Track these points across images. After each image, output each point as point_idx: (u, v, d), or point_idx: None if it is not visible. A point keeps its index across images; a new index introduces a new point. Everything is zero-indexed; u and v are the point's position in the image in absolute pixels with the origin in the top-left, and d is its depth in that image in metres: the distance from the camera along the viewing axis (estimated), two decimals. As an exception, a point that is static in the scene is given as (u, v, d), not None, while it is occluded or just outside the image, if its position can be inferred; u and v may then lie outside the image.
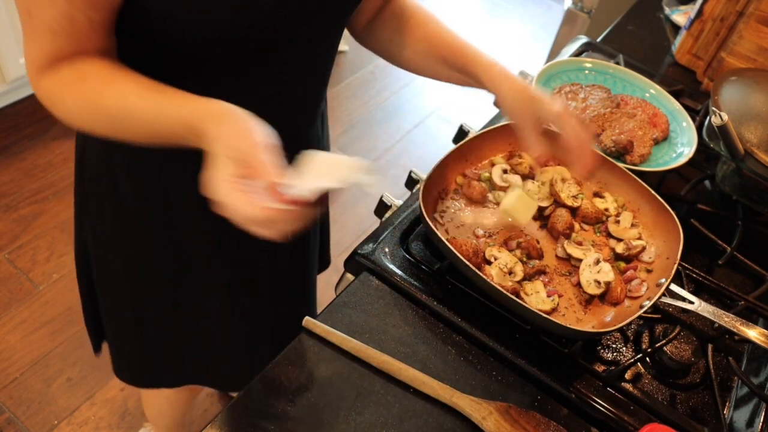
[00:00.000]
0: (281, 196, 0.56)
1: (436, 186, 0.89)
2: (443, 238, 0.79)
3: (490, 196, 0.92)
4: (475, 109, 2.82)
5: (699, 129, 1.07)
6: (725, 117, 0.90)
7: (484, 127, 1.01)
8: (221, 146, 0.58)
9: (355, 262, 0.84)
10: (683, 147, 1.05)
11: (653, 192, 0.90)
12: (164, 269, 0.95)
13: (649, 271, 0.86)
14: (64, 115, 0.68)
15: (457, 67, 0.84)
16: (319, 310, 0.78)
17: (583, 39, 1.34)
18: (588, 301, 0.82)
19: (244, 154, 0.57)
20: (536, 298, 0.81)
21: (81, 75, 0.66)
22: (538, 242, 0.87)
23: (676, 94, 1.18)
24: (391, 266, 0.82)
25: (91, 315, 1.10)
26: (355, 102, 2.73)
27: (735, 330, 0.76)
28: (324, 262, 1.26)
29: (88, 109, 0.66)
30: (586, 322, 0.81)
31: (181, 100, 0.63)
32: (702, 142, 1.03)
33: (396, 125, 2.67)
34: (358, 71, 2.89)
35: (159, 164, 0.83)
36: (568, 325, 0.73)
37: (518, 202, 0.86)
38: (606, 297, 0.83)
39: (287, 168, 0.58)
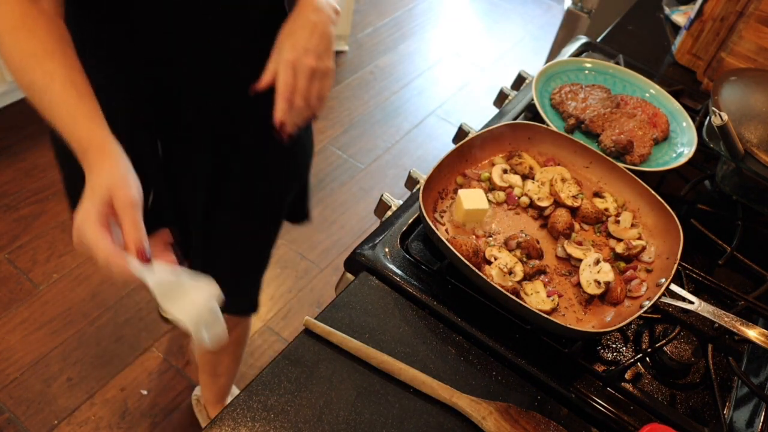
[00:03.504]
0: (124, 263, 0.60)
1: (436, 186, 0.89)
2: (443, 238, 0.79)
3: (490, 196, 0.92)
4: (475, 109, 2.82)
5: (699, 129, 1.07)
6: (725, 117, 0.90)
7: (484, 127, 1.01)
8: (94, 181, 0.63)
9: (355, 262, 0.84)
10: (683, 147, 1.05)
11: (653, 192, 0.90)
12: None
13: (649, 271, 0.86)
14: None
15: None
16: (319, 310, 0.78)
17: (583, 39, 1.34)
18: (588, 301, 0.82)
19: (112, 196, 0.62)
20: (536, 298, 0.81)
21: (30, 25, 0.68)
22: (538, 242, 0.87)
23: (676, 94, 1.18)
24: (391, 266, 0.82)
25: None
26: (355, 102, 2.73)
27: (735, 330, 0.76)
28: (300, 213, 1.25)
29: (17, 63, 0.69)
30: (586, 322, 0.81)
31: (87, 120, 0.67)
32: (702, 142, 1.03)
33: (396, 125, 2.67)
34: (358, 71, 2.89)
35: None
36: (568, 325, 0.73)
37: (474, 194, 0.87)
38: (606, 297, 0.83)
39: (145, 234, 0.62)
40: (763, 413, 0.76)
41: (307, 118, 0.82)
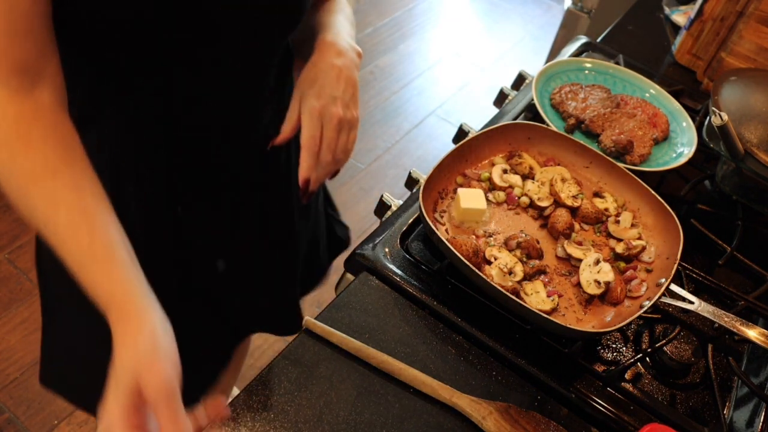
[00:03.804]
0: None
1: (436, 186, 0.89)
2: (443, 238, 0.79)
3: (490, 196, 0.92)
4: (475, 109, 2.82)
5: (699, 129, 1.07)
6: (725, 117, 0.90)
7: (484, 127, 1.01)
8: (117, 360, 0.51)
9: (355, 262, 0.84)
10: (683, 147, 1.05)
11: (653, 192, 0.90)
12: None
13: (649, 271, 0.86)
14: None
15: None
16: (319, 310, 0.78)
17: (583, 39, 1.34)
18: (588, 301, 0.82)
19: (140, 383, 0.49)
20: (536, 298, 0.81)
21: (26, 134, 0.56)
22: (538, 242, 0.87)
23: (676, 94, 1.18)
24: (391, 266, 0.82)
25: None
26: (355, 102, 2.73)
27: (735, 330, 0.76)
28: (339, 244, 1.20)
29: (14, 186, 0.57)
30: (586, 322, 0.81)
31: (102, 265, 0.54)
32: (702, 142, 1.03)
33: (396, 125, 2.67)
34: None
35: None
36: (568, 325, 0.73)
37: (473, 193, 0.87)
38: (606, 297, 0.83)
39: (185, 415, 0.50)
40: (763, 413, 0.76)
41: (331, 173, 0.75)
